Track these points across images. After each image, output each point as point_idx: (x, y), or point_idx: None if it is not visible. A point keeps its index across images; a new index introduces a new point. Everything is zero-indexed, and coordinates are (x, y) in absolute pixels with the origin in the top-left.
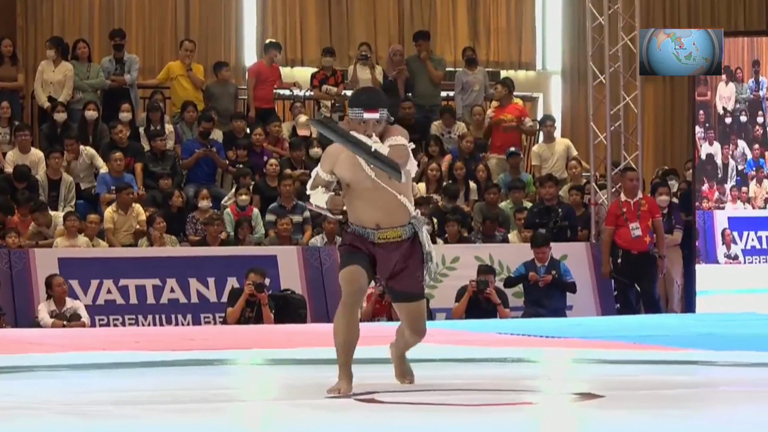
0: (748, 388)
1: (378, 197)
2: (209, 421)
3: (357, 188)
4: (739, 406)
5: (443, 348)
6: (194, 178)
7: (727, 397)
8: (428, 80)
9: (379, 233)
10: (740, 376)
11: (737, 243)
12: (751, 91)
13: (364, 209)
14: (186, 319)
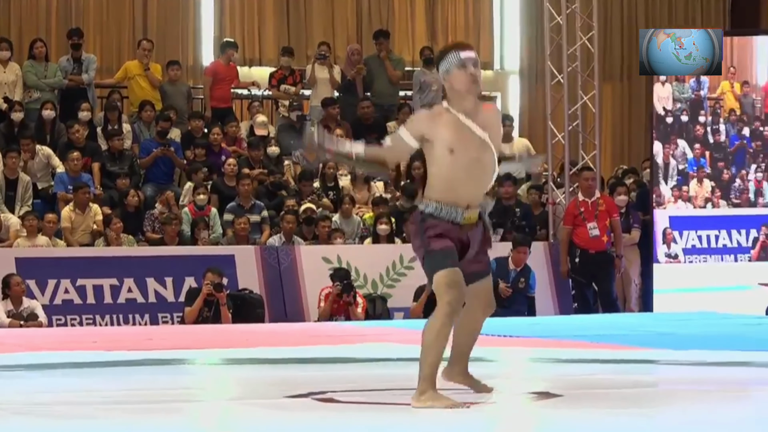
0: (705, 387)
1: (479, 170)
2: (167, 421)
3: (459, 157)
4: (697, 405)
5: (401, 347)
6: (152, 178)
7: (685, 396)
8: (386, 80)
9: (465, 214)
10: (698, 375)
11: (677, 242)
12: (693, 91)
13: (464, 184)
14: (144, 319)
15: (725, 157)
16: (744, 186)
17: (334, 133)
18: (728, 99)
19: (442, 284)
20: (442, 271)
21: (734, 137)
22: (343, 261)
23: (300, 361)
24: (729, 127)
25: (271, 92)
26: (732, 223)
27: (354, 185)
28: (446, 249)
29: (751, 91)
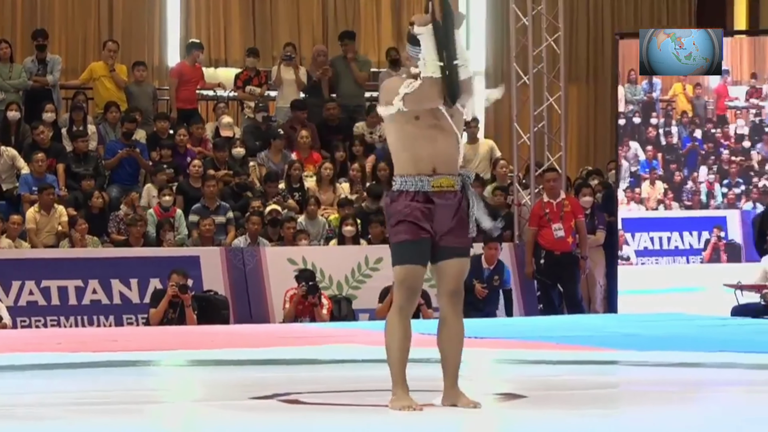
0: (668, 389)
1: (437, 135)
2: (132, 423)
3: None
4: (660, 407)
5: (366, 348)
6: (117, 179)
7: (648, 398)
8: (352, 81)
9: (434, 180)
10: (661, 376)
11: (630, 244)
12: (645, 93)
13: (422, 150)
14: (108, 321)
15: (677, 159)
16: (696, 188)
17: (299, 134)
18: (680, 101)
19: (395, 281)
20: (397, 267)
21: (686, 139)
22: (309, 262)
23: (265, 363)
24: (681, 129)
25: (237, 93)
26: (684, 225)
27: (319, 186)
28: (406, 241)
29: (703, 93)
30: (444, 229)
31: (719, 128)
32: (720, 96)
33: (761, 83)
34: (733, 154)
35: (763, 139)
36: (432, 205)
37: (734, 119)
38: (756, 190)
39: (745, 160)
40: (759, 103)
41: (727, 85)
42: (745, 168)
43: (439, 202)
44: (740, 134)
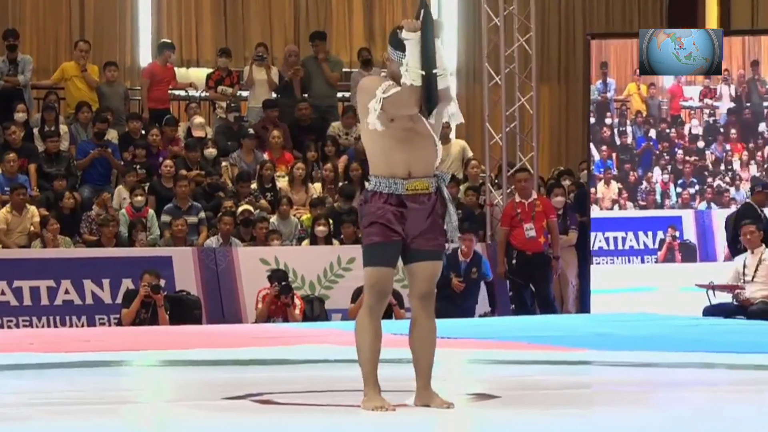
0: (641, 389)
1: (413, 139)
2: (105, 423)
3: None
4: (633, 407)
5: (339, 349)
6: (89, 180)
7: (621, 398)
8: (324, 81)
9: (408, 183)
10: (635, 376)
11: None
12: (599, 93)
13: (398, 151)
14: (81, 321)
15: (632, 159)
16: (651, 188)
17: (271, 134)
18: (635, 101)
19: (369, 281)
20: (368, 269)
21: (641, 139)
22: (281, 262)
23: (238, 363)
24: (636, 129)
25: (209, 93)
26: (639, 225)
27: (291, 187)
28: (377, 243)
29: (657, 93)
30: (416, 232)
31: (674, 128)
32: (674, 96)
33: (715, 83)
34: (688, 154)
35: (717, 139)
36: (405, 209)
37: (689, 119)
38: (710, 190)
39: (699, 160)
40: (713, 104)
41: (682, 86)
42: (699, 168)
43: (412, 206)
44: (695, 134)
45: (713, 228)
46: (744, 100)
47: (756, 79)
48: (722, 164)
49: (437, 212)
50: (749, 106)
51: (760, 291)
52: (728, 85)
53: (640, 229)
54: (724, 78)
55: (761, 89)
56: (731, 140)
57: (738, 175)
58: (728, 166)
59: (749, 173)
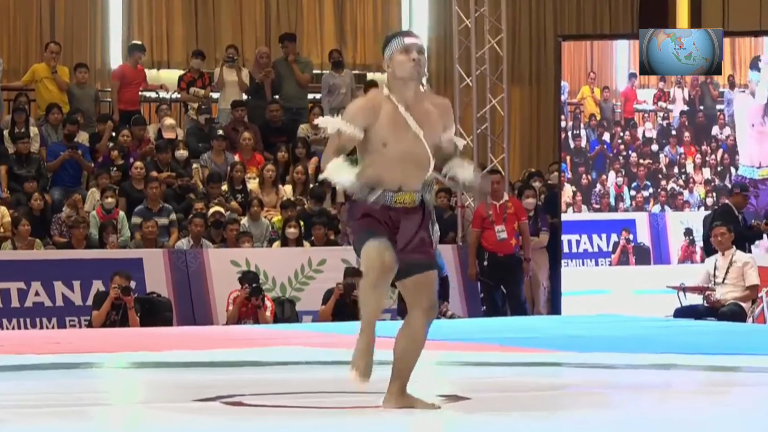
0: (611, 390)
1: (409, 161)
2: (75, 425)
3: (390, 149)
4: (602, 409)
5: (310, 350)
6: (59, 181)
7: (591, 400)
8: (295, 82)
9: (397, 196)
10: (605, 378)
11: None
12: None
13: (392, 167)
14: (51, 323)
15: (585, 162)
16: (604, 191)
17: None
18: (588, 104)
19: (366, 255)
20: (366, 245)
21: (594, 142)
22: (252, 264)
23: (208, 365)
24: (589, 132)
25: (180, 95)
26: (592, 228)
27: (262, 188)
28: (370, 226)
29: (610, 97)
30: (403, 244)
31: (627, 131)
32: (628, 99)
33: (669, 87)
34: (641, 157)
35: (671, 143)
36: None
37: (642, 122)
38: (664, 193)
39: (652, 164)
40: (667, 107)
41: (635, 89)
42: (653, 171)
43: (400, 216)
44: (648, 137)
45: (667, 231)
46: (697, 103)
47: (709, 83)
48: (676, 167)
49: (425, 225)
50: (702, 110)
51: (730, 293)
52: (681, 89)
53: (594, 232)
54: (677, 81)
55: (714, 93)
56: (684, 143)
57: (691, 178)
58: (681, 169)
59: (702, 176)
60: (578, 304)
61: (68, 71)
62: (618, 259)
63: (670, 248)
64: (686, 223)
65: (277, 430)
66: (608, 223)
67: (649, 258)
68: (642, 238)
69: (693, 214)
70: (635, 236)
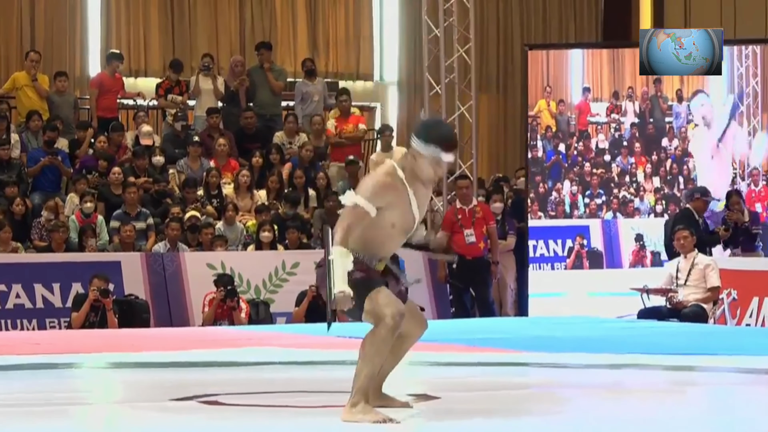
0: (577, 390)
1: (399, 240)
2: (55, 424)
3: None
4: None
5: (284, 351)
6: (39, 186)
7: (557, 398)
8: (269, 90)
9: (378, 264)
10: (571, 378)
11: None
12: None
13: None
14: (32, 324)
15: (542, 172)
16: (560, 199)
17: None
18: (545, 117)
19: (380, 302)
20: (376, 290)
21: (550, 153)
22: (227, 267)
23: (185, 365)
24: (545, 143)
25: (159, 102)
26: (549, 234)
27: (237, 193)
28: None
29: (565, 110)
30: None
31: (581, 142)
32: (582, 112)
33: (621, 100)
34: (595, 167)
35: (622, 153)
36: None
37: (595, 134)
38: (616, 201)
39: (605, 173)
40: (619, 119)
41: (589, 102)
42: (605, 180)
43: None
44: (601, 148)
45: (618, 236)
46: (647, 116)
47: (658, 96)
48: (627, 176)
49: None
50: (652, 122)
51: (692, 294)
52: (633, 102)
53: (550, 237)
54: (628, 95)
55: (663, 106)
56: (635, 154)
57: (642, 186)
58: (632, 178)
59: (652, 185)
60: (538, 306)
61: (48, 79)
62: (573, 264)
63: (622, 253)
64: (637, 229)
65: (252, 428)
66: (563, 229)
67: (602, 262)
68: (595, 244)
69: (643, 220)
70: (589, 242)
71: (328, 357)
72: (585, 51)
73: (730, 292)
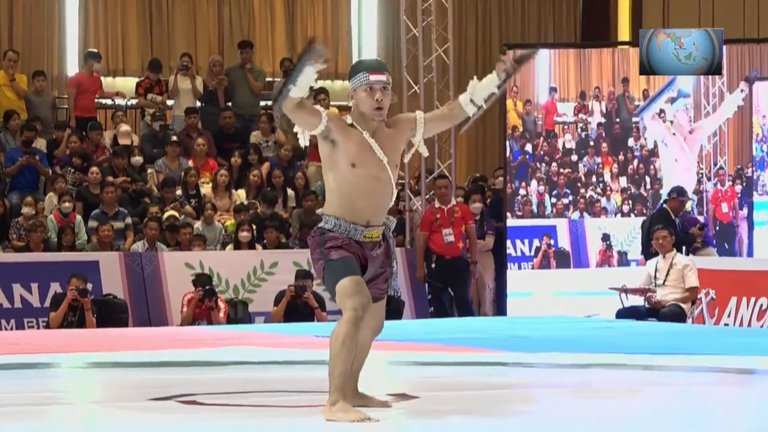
0: (556, 389)
1: (376, 188)
2: (34, 424)
3: (359, 172)
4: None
5: (262, 350)
6: (17, 186)
7: (535, 398)
8: (248, 90)
9: (366, 231)
10: (549, 377)
11: None
12: None
13: (360, 202)
14: (10, 324)
15: (509, 172)
16: (527, 198)
17: (195, 142)
18: (512, 117)
19: (345, 292)
20: (344, 279)
21: (517, 153)
22: (206, 267)
23: (163, 365)
24: (512, 143)
25: (138, 101)
26: (516, 234)
27: (215, 193)
28: (346, 258)
29: (532, 110)
30: (369, 278)
31: (548, 142)
32: (548, 112)
33: (588, 100)
34: (561, 167)
35: (589, 153)
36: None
37: (562, 134)
38: (582, 201)
39: (572, 173)
40: (586, 119)
41: (555, 102)
42: (572, 180)
43: (369, 255)
44: (568, 148)
45: (585, 236)
46: (614, 116)
47: (626, 96)
48: (594, 176)
49: (388, 260)
50: (618, 122)
51: (670, 294)
52: (599, 102)
53: (517, 237)
54: (595, 95)
55: (630, 106)
56: (602, 154)
57: (608, 186)
58: (599, 178)
59: (619, 185)
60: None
61: (26, 79)
62: (540, 263)
63: (589, 253)
64: (603, 228)
65: (230, 427)
66: (530, 229)
67: (569, 262)
68: (562, 243)
69: (610, 220)
70: (556, 241)
71: (306, 357)
72: (552, 51)
73: (708, 291)
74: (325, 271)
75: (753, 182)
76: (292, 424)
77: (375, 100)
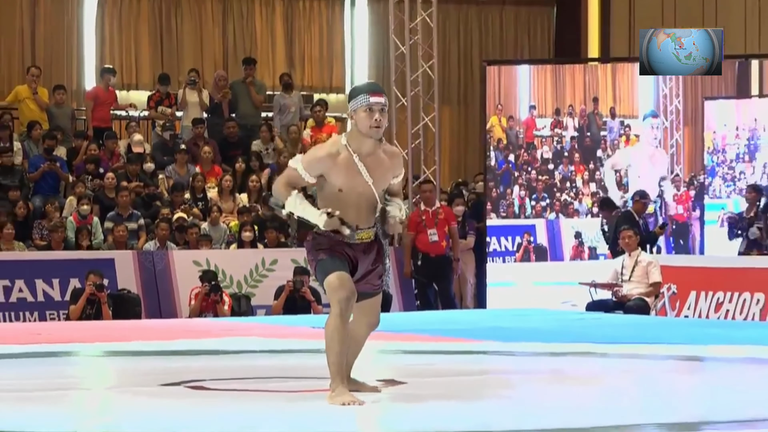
0: (532, 375)
1: (362, 203)
2: (54, 407)
3: (346, 193)
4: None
5: (264, 340)
6: (40, 190)
7: (511, 383)
8: (250, 103)
9: (357, 234)
10: (526, 364)
11: None
12: None
13: (348, 211)
14: (33, 316)
15: (494, 178)
16: (510, 201)
17: (202, 150)
18: (496, 131)
19: (331, 286)
20: (331, 275)
21: (501, 162)
22: (212, 264)
23: (173, 353)
24: (497, 153)
25: (149, 113)
26: (500, 232)
27: (220, 196)
28: (334, 256)
29: (514, 125)
30: (361, 276)
31: (528, 153)
32: (528, 127)
33: (562, 117)
34: (540, 174)
35: (564, 162)
36: (353, 252)
37: (540, 146)
38: (558, 204)
39: (549, 179)
40: (561, 133)
41: (534, 118)
42: (549, 185)
43: (360, 255)
44: (546, 158)
45: (560, 234)
46: (585, 130)
47: (595, 114)
48: (567, 182)
49: (380, 258)
50: (589, 135)
51: (635, 289)
52: (573, 118)
53: (502, 234)
54: (569, 112)
55: (599, 121)
56: (575, 163)
57: (580, 191)
58: (572, 183)
59: (589, 190)
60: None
61: (47, 92)
62: (521, 257)
63: (563, 248)
64: (576, 227)
65: (235, 411)
66: (513, 227)
67: (546, 256)
68: (541, 240)
69: (582, 220)
70: (535, 238)
71: (303, 346)
72: (532, 69)
73: (670, 286)
74: (317, 270)
75: (705, 187)
76: (292, 408)
77: (374, 120)
